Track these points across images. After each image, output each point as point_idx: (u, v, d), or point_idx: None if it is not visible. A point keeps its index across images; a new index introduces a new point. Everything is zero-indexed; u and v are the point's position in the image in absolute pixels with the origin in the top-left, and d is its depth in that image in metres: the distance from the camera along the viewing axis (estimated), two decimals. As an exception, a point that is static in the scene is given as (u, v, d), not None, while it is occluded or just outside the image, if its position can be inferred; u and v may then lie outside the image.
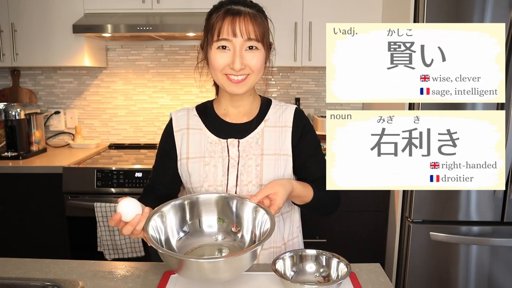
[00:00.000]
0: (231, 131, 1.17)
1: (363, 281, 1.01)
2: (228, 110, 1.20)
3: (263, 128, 1.18)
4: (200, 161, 1.15)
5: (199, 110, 1.24)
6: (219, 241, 0.99)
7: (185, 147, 1.17)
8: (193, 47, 2.71)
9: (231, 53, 1.06)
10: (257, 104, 1.22)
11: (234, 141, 1.15)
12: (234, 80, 1.08)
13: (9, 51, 2.36)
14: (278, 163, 1.15)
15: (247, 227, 0.98)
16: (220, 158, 1.14)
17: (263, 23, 1.10)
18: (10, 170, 2.16)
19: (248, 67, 1.07)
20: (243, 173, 1.13)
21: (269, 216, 0.92)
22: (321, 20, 2.34)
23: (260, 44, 1.07)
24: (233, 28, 1.04)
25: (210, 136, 1.17)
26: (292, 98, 2.76)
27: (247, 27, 1.05)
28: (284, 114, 1.20)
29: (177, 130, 1.19)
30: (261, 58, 1.09)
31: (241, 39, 1.05)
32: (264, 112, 1.20)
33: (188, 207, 1.01)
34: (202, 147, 1.16)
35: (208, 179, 1.13)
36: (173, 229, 0.97)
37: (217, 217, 1.01)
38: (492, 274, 1.93)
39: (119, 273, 1.04)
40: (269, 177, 1.13)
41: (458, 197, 1.90)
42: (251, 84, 1.11)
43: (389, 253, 2.17)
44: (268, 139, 1.17)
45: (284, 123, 1.19)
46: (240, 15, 1.05)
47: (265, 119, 1.19)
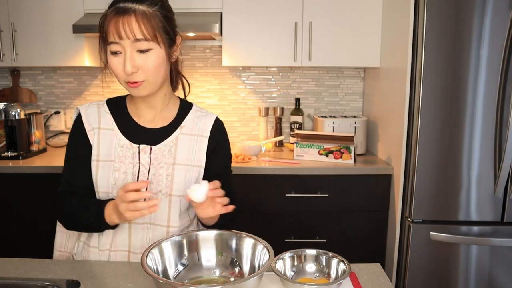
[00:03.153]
0: (144, 136, 1.11)
1: (363, 281, 1.00)
2: (141, 110, 1.14)
3: (178, 135, 1.12)
4: (109, 165, 1.09)
5: (111, 106, 1.16)
6: (218, 274, 0.99)
7: (96, 148, 1.10)
8: (193, 47, 2.71)
9: (123, 56, 0.99)
10: (174, 108, 1.16)
11: (146, 147, 1.10)
12: (132, 84, 1.01)
13: (9, 51, 2.36)
14: (189, 174, 1.11)
15: (246, 261, 0.97)
16: (131, 164, 1.09)
17: (155, 20, 1.00)
18: (10, 170, 2.16)
19: (142, 70, 1.00)
20: (153, 182, 1.09)
21: (267, 249, 0.92)
22: (321, 20, 2.34)
23: (152, 43, 0.99)
24: (117, 29, 0.96)
25: (122, 139, 1.10)
26: (292, 98, 2.76)
27: (131, 26, 0.96)
28: (202, 123, 1.14)
29: (89, 129, 1.12)
30: (155, 59, 1.01)
31: (128, 41, 0.97)
32: (182, 117, 1.14)
33: (186, 242, 1.00)
34: (112, 150, 1.10)
35: (117, 186, 1.08)
36: (171, 262, 0.96)
37: (216, 251, 1.00)
38: (492, 274, 1.93)
39: (119, 273, 1.04)
40: (179, 188, 1.09)
41: (458, 197, 1.90)
42: (151, 87, 1.04)
43: (389, 253, 2.17)
44: (181, 148, 1.11)
45: (201, 132, 1.13)
46: (125, 14, 0.97)
47: (181, 126, 1.13)
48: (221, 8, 2.34)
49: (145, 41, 0.98)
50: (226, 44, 2.37)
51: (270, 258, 0.89)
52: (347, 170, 2.15)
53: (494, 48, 1.78)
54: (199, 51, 2.72)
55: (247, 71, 2.75)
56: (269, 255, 0.90)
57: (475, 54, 1.79)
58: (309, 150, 2.29)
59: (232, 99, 2.77)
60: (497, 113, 1.82)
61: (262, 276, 0.84)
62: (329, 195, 2.16)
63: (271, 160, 2.27)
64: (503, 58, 1.78)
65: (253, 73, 2.75)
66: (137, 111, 1.14)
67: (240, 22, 2.35)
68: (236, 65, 2.44)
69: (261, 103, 2.77)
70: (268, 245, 0.93)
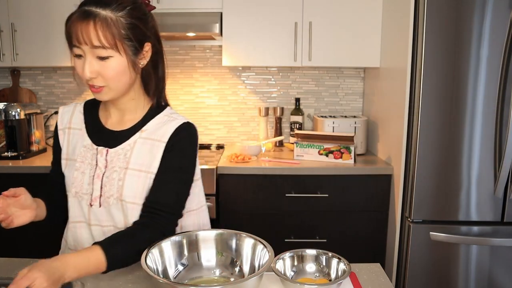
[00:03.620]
0: (106, 138, 1.10)
1: (363, 281, 1.00)
2: (109, 111, 1.12)
3: (137, 139, 1.08)
4: (72, 164, 1.11)
5: (87, 106, 1.16)
6: (218, 274, 0.98)
7: (65, 146, 1.13)
8: (193, 47, 2.71)
9: (83, 60, 0.97)
10: (142, 111, 1.11)
11: (104, 149, 1.08)
12: (94, 89, 1.00)
13: (9, 51, 2.36)
14: (141, 181, 1.06)
15: (246, 261, 0.97)
16: (89, 165, 1.09)
17: (116, 26, 0.95)
18: (10, 170, 2.16)
19: (101, 76, 0.98)
20: (106, 185, 1.07)
21: (267, 249, 0.91)
22: (321, 20, 2.34)
23: (111, 50, 0.95)
24: (76, 34, 0.95)
25: (86, 139, 1.11)
26: (292, 98, 2.76)
27: (88, 33, 0.94)
28: (165, 127, 1.08)
29: (60, 128, 1.15)
30: (115, 67, 0.97)
31: (87, 46, 0.95)
32: (146, 121, 1.10)
33: (186, 242, 0.99)
34: (76, 150, 1.11)
35: (75, 186, 1.09)
36: (171, 262, 0.96)
37: (216, 251, 1.00)
38: (492, 274, 1.93)
39: (119, 273, 1.04)
40: (129, 194, 1.05)
41: (458, 197, 1.90)
42: (113, 93, 1.02)
43: (389, 253, 2.16)
44: (137, 153, 1.07)
45: (161, 137, 1.07)
46: (85, 19, 0.94)
47: (142, 130, 1.09)
48: (221, 8, 2.34)
49: (103, 49, 0.95)
50: (226, 44, 2.37)
51: (270, 258, 0.88)
52: (347, 170, 2.15)
53: (494, 48, 1.78)
54: (199, 51, 2.72)
55: (247, 71, 2.75)
56: (269, 255, 0.90)
57: (475, 54, 1.79)
58: (309, 150, 2.29)
59: (232, 99, 2.77)
60: (497, 113, 1.82)
61: (262, 276, 0.84)
62: (329, 195, 2.16)
63: (271, 160, 2.27)
64: (503, 58, 1.78)
65: (253, 73, 2.75)
66: (106, 112, 1.13)
67: (240, 22, 2.35)
68: (236, 65, 2.44)
69: (261, 103, 2.77)
70: (268, 245, 0.93)
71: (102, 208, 1.08)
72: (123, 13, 0.97)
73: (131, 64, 1.00)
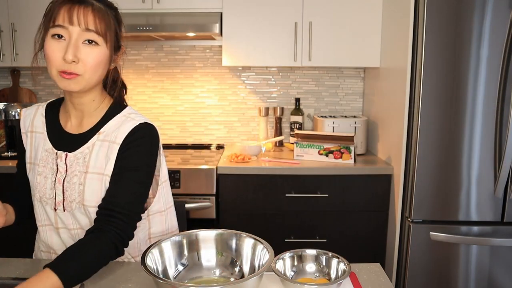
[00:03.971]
0: (65, 142, 1.08)
1: (363, 281, 1.00)
2: (69, 113, 1.10)
3: (95, 142, 1.06)
4: (35, 168, 1.10)
5: (49, 108, 1.14)
6: (218, 274, 0.98)
7: (28, 150, 1.12)
8: (193, 47, 2.71)
9: (66, 43, 0.96)
10: (101, 112, 1.09)
11: (63, 154, 1.06)
12: (65, 76, 0.97)
13: (9, 51, 2.36)
14: (102, 184, 1.04)
15: (246, 261, 0.97)
16: (51, 169, 1.07)
17: (109, 19, 1.00)
18: (10, 170, 2.16)
19: (82, 63, 0.97)
20: (68, 190, 1.06)
21: (267, 249, 0.91)
22: (321, 20, 2.34)
23: (101, 38, 0.98)
24: (70, 14, 0.95)
25: (47, 143, 1.09)
26: (292, 98, 2.76)
27: (86, 16, 0.96)
28: (121, 129, 1.05)
29: (23, 132, 1.14)
30: (99, 56, 0.99)
31: (78, 28, 0.96)
32: (103, 123, 1.08)
33: (186, 242, 0.99)
34: (38, 154, 1.10)
35: (39, 190, 1.08)
36: (171, 262, 0.96)
37: (216, 251, 1.00)
38: (492, 274, 1.93)
39: (119, 273, 1.04)
40: (91, 199, 1.04)
41: (458, 197, 1.90)
42: (84, 83, 1.00)
43: (389, 253, 2.16)
44: (95, 156, 1.05)
45: (115, 138, 1.05)
46: (81, 4, 0.97)
47: (99, 132, 1.06)
48: (221, 8, 2.34)
49: (95, 34, 0.98)
50: (226, 44, 2.37)
51: (270, 258, 0.88)
52: (347, 170, 2.15)
53: (494, 48, 1.78)
54: (199, 51, 2.72)
55: (247, 71, 2.75)
56: (269, 255, 0.90)
57: (475, 54, 1.79)
58: (309, 150, 2.29)
59: (232, 99, 2.77)
60: (497, 113, 1.82)
61: (262, 276, 0.84)
62: (329, 195, 2.16)
63: (271, 160, 2.27)
64: (503, 58, 1.78)
65: (253, 73, 2.75)
66: (65, 114, 1.11)
67: (240, 22, 2.35)
68: (236, 65, 2.44)
69: (261, 103, 2.77)
70: (268, 245, 0.93)
71: (66, 212, 1.07)
72: (114, 12, 1.05)
73: (109, 58, 1.03)
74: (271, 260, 0.88)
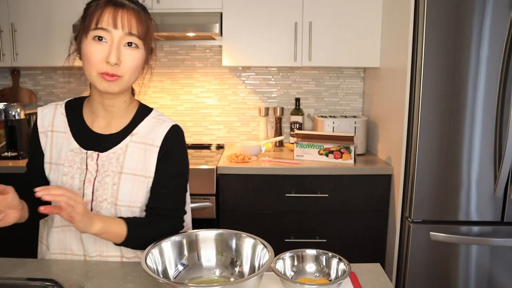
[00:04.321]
0: (95, 142, 1.09)
1: (363, 281, 1.00)
2: (97, 113, 1.11)
3: (128, 143, 1.08)
4: (59, 169, 1.09)
5: (69, 108, 1.14)
6: (218, 274, 0.98)
7: (48, 150, 1.10)
8: (193, 47, 2.71)
9: (108, 45, 0.98)
10: (131, 114, 1.12)
11: (94, 154, 1.07)
12: (107, 78, 0.99)
13: (9, 51, 2.36)
14: (136, 185, 1.07)
15: (246, 261, 0.97)
16: (79, 170, 1.07)
17: (147, 22, 1.03)
18: (10, 170, 2.16)
19: (123, 65, 0.99)
20: (99, 189, 1.06)
21: (267, 249, 0.92)
22: (321, 20, 2.34)
23: (141, 42, 1.01)
24: (114, 18, 0.97)
25: (73, 143, 1.09)
26: (292, 98, 2.76)
27: (130, 20, 0.99)
28: (156, 131, 1.10)
29: (41, 131, 1.11)
30: (138, 58, 1.02)
31: (121, 32, 0.98)
32: (135, 124, 1.11)
33: (186, 242, 0.99)
34: (63, 154, 1.09)
35: None
36: (171, 262, 0.96)
37: (216, 251, 1.00)
38: (492, 274, 1.93)
39: (119, 273, 1.04)
40: (125, 198, 1.06)
41: (458, 197, 1.90)
42: (124, 85, 1.03)
43: (389, 253, 2.16)
44: (130, 157, 1.07)
45: (152, 141, 1.09)
46: (123, 8, 0.99)
47: (132, 133, 1.09)
48: (221, 8, 2.34)
49: (136, 38, 1.00)
50: (226, 44, 2.37)
51: (270, 258, 0.88)
52: (347, 170, 2.15)
53: (494, 48, 1.78)
54: (199, 51, 2.72)
55: (247, 71, 2.75)
56: (269, 255, 0.90)
57: (475, 54, 1.79)
58: (309, 150, 2.29)
59: (232, 99, 2.77)
60: (497, 113, 1.82)
61: (262, 276, 0.84)
62: (329, 195, 2.16)
63: (271, 160, 2.27)
64: (503, 58, 1.78)
65: (253, 73, 2.75)
66: (92, 114, 1.12)
67: (240, 22, 2.35)
68: (236, 65, 2.44)
69: (261, 103, 2.77)
70: (268, 245, 0.93)
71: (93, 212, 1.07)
72: (147, 14, 1.06)
73: (145, 61, 1.06)
74: (271, 260, 0.88)
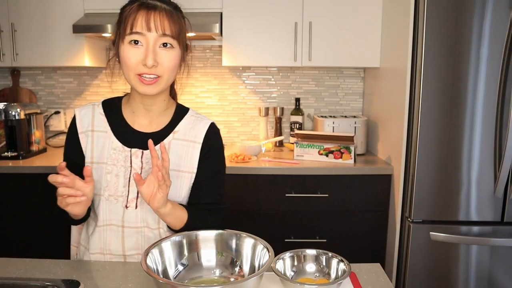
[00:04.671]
0: (137, 140, 1.11)
1: (363, 281, 1.00)
2: (137, 112, 1.13)
3: (171, 140, 1.12)
4: (102, 167, 1.10)
5: (106, 108, 1.16)
6: (218, 274, 0.98)
7: (89, 150, 1.11)
8: (193, 47, 2.71)
9: (144, 48, 1.00)
10: (170, 112, 1.16)
11: (138, 151, 1.10)
12: (146, 81, 1.02)
13: (9, 51, 2.36)
14: (180, 180, 1.11)
15: (246, 261, 0.97)
16: (123, 168, 1.09)
17: (180, 21, 1.05)
18: (10, 170, 2.16)
19: (161, 66, 1.02)
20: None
21: (267, 249, 0.92)
22: (321, 20, 2.34)
23: (175, 41, 1.03)
24: (147, 21, 0.99)
25: (115, 141, 1.11)
26: (292, 98, 2.76)
27: (162, 22, 1.00)
28: (196, 128, 1.15)
29: (81, 132, 1.12)
30: (175, 58, 1.04)
31: (155, 34, 1.00)
32: (176, 122, 1.15)
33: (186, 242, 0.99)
34: (105, 153, 1.10)
35: (109, 188, 1.09)
36: (171, 262, 0.96)
37: (216, 251, 1.00)
38: (492, 274, 1.93)
39: (119, 273, 1.04)
40: (170, 194, 1.07)
41: (458, 197, 1.90)
42: (163, 85, 1.05)
43: (389, 253, 2.17)
44: (173, 154, 1.11)
45: (194, 138, 1.13)
46: (156, 9, 1.01)
47: (174, 131, 1.13)
48: (221, 8, 2.34)
49: (171, 38, 1.02)
50: (226, 44, 2.37)
51: (270, 258, 0.88)
52: (347, 170, 2.15)
53: (494, 48, 1.78)
54: (199, 51, 2.72)
55: (247, 71, 2.75)
56: (269, 255, 0.90)
57: (475, 54, 1.79)
58: (309, 150, 2.29)
59: (232, 99, 2.77)
60: (497, 113, 1.82)
61: (262, 276, 0.84)
62: (329, 195, 2.16)
63: (271, 160, 2.27)
64: (503, 58, 1.78)
65: (253, 73, 2.75)
66: (133, 114, 1.14)
67: (240, 22, 2.35)
68: (236, 65, 2.44)
69: (261, 103, 2.77)
70: (268, 245, 0.93)
71: (137, 210, 1.09)
72: (180, 13, 1.08)
73: (182, 59, 1.08)
74: (271, 260, 0.88)
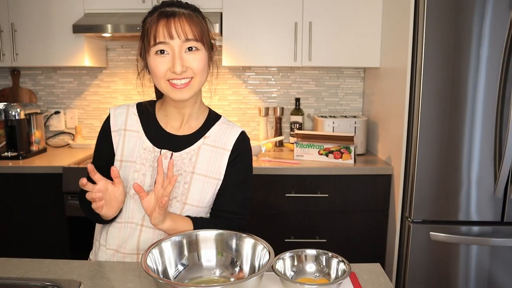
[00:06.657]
0: (168, 142, 1.13)
1: (363, 281, 1.00)
2: (170, 115, 1.15)
3: (201, 145, 1.13)
4: (130, 166, 1.12)
5: (140, 109, 1.18)
6: (218, 274, 0.98)
7: (120, 148, 1.13)
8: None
9: (170, 56, 1.02)
10: (203, 117, 1.18)
11: (168, 153, 1.12)
12: (178, 86, 1.04)
13: (9, 51, 2.36)
14: (207, 185, 1.12)
15: (246, 261, 0.97)
16: (151, 167, 1.11)
17: (201, 23, 1.06)
18: (10, 170, 2.16)
19: (190, 69, 1.03)
20: None
21: (267, 249, 0.92)
22: (321, 20, 2.34)
23: (199, 43, 1.04)
24: (168, 30, 1.00)
25: (146, 141, 1.13)
26: (292, 98, 2.76)
27: (183, 27, 1.01)
28: (227, 135, 1.16)
29: (114, 130, 1.15)
30: (203, 59, 1.05)
31: (179, 41, 1.01)
32: (207, 128, 1.16)
33: (186, 242, 0.99)
34: (135, 152, 1.12)
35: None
36: (171, 262, 0.96)
37: (216, 251, 1.00)
38: (492, 274, 1.93)
39: (119, 273, 1.04)
40: (195, 198, 1.10)
41: (458, 197, 1.90)
42: (196, 87, 1.07)
43: (389, 253, 2.17)
44: (202, 158, 1.12)
45: (224, 145, 1.14)
46: (175, 16, 1.02)
47: (205, 136, 1.15)
48: (221, 8, 2.34)
49: (194, 41, 1.03)
50: (226, 44, 2.37)
51: (270, 258, 0.88)
52: (347, 170, 2.15)
53: (494, 48, 1.78)
54: (199, 51, 2.72)
55: (247, 71, 2.75)
56: (269, 255, 0.90)
57: (475, 54, 1.79)
58: (309, 150, 2.29)
59: (232, 99, 2.77)
60: (497, 113, 1.82)
61: (262, 276, 0.84)
62: (329, 195, 2.16)
63: (271, 160, 2.27)
64: (503, 58, 1.78)
65: (253, 73, 2.75)
66: (166, 117, 1.16)
67: (240, 22, 2.35)
68: (236, 65, 2.44)
69: (261, 103, 2.77)
70: (268, 245, 0.93)
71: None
72: (199, 14, 1.08)
73: (209, 59, 1.09)
74: (271, 260, 0.88)
